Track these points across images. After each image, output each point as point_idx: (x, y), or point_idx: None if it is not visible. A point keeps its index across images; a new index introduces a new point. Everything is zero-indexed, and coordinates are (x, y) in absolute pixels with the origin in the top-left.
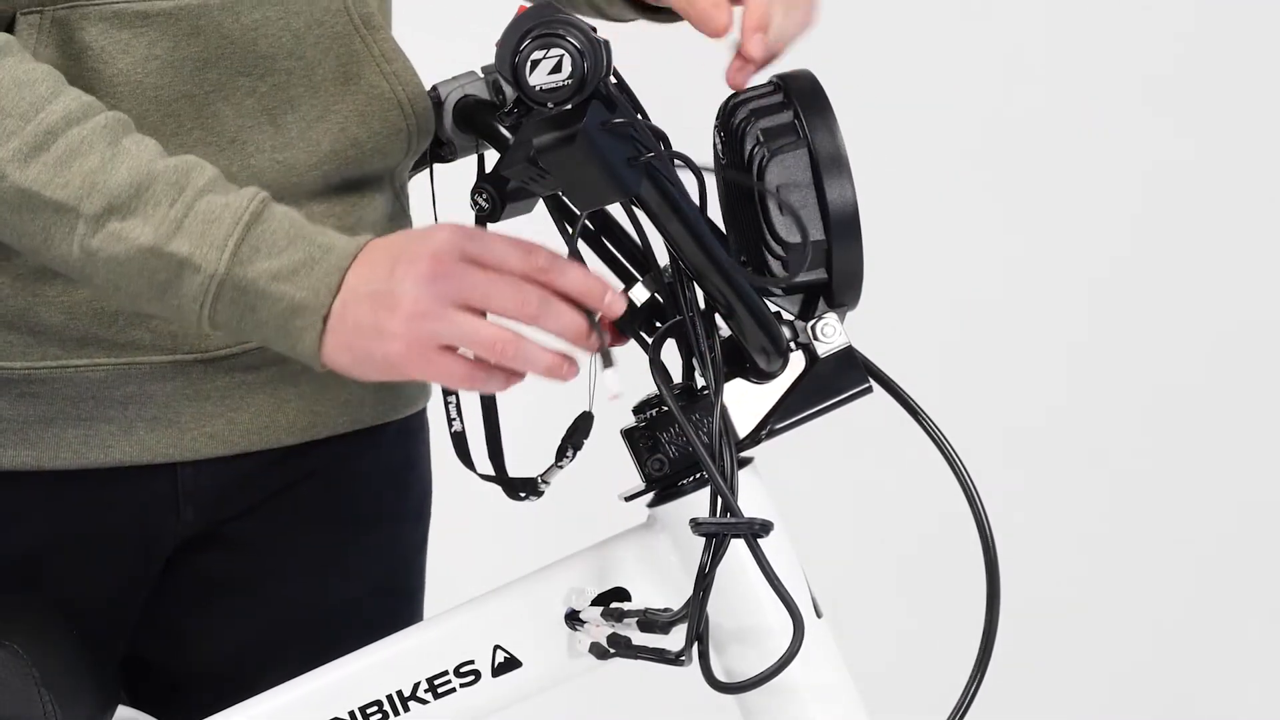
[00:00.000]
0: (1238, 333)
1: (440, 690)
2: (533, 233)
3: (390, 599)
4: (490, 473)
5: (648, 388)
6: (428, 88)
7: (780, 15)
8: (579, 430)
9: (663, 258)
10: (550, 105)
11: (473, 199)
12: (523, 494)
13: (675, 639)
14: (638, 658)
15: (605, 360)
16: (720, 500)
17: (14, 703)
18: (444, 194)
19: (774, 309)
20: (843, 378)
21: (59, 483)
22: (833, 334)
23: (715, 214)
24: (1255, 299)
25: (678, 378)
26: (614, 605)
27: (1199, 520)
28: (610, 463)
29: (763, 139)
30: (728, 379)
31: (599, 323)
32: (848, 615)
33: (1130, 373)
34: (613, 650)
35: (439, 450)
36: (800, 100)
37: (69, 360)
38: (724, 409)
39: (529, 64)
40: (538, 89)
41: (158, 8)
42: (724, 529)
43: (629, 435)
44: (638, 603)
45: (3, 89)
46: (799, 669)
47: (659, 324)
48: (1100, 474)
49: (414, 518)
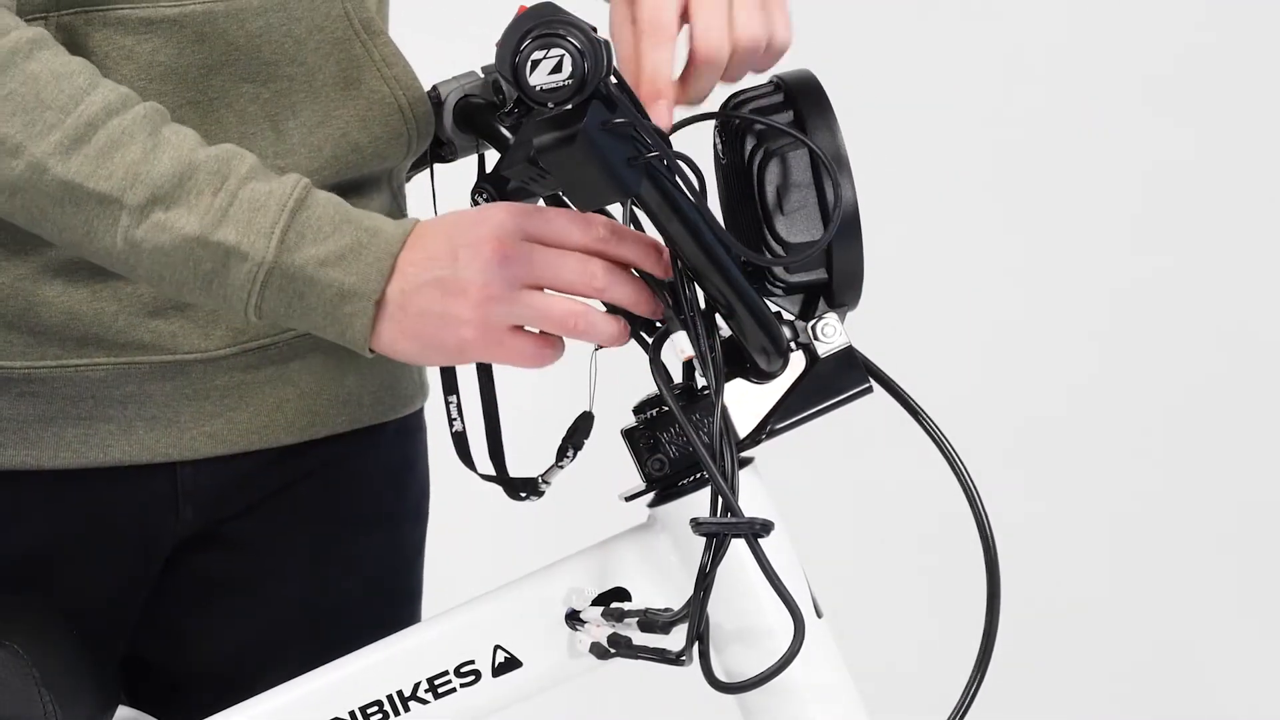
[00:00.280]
0: (1239, 334)
1: (440, 690)
2: None
3: (389, 599)
4: (491, 473)
5: (648, 388)
6: (428, 88)
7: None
8: (579, 430)
9: None
10: (550, 105)
11: (473, 199)
12: (523, 494)
13: (675, 639)
14: (638, 658)
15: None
16: (721, 500)
17: (14, 703)
18: (444, 194)
19: (774, 309)
20: (843, 378)
21: (58, 482)
22: (833, 334)
23: (716, 213)
24: (1257, 301)
25: (678, 378)
26: (614, 605)
27: (1200, 521)
28: (610, 463)
29: (763, 139)
30: (728, 379)
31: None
32: (848, 615)
33: (1131, 372)
34: (613, 650)
35: (439, 450)
36: (800, 100)
37: (69, 360)
38: (724, 409)
39: (529, 64)
40: (538, 89)
41: (162, 14)
42: (725, 529)
43: (629, 435)
44: (638, 603)
45: (41, 82)
46: (799, 669)
47: (659, 324)
48: (1101, 474)
49: (412, 518)
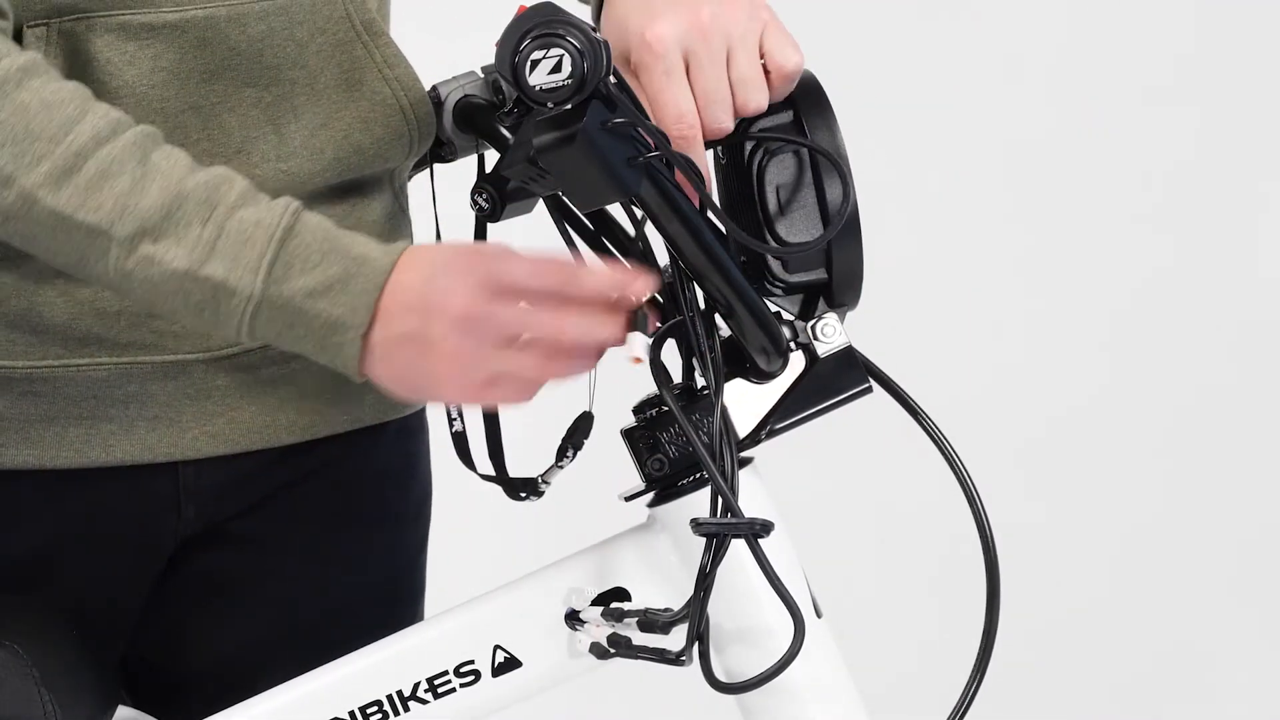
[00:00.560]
0: (1245, 339)
1: (440, 690)
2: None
3: (391, 599)
4: (490, 473)
5: (648, 387)
6: (428, 88)
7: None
8: (579, 430)
9: (663, 258)
10: (550, 105)
11: (473, 199)
12: (523, 494)
13: (675, 639)
14: (638, 658)
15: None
16: (721, 500)
17: (14, 703)
18: (444, 194)
19: (774, 309)
20: (843, 378)
21: (60, 482)
22: (833, 334)
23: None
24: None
25: (678, 378)
26: (614, 605)
27: (1201, 525)
28: (610, 463)
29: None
30: (728, 379)
31: (641, 311)
32: (848, 615)
33: (1133, 373)
34: (613, 650)
35: (439, 450)
36: (800, 100)
37: (71, 359)
38: (724, 409)
39: (529, 64)
40: (538, 89)
41: (164, 20)
42: (725, 529)
43: (629, 435)
44: (638, 603)
45: (31, 112)
46: (799, 669)
47: (659, 324)
48: (1101, 475)
49: (414, 518)
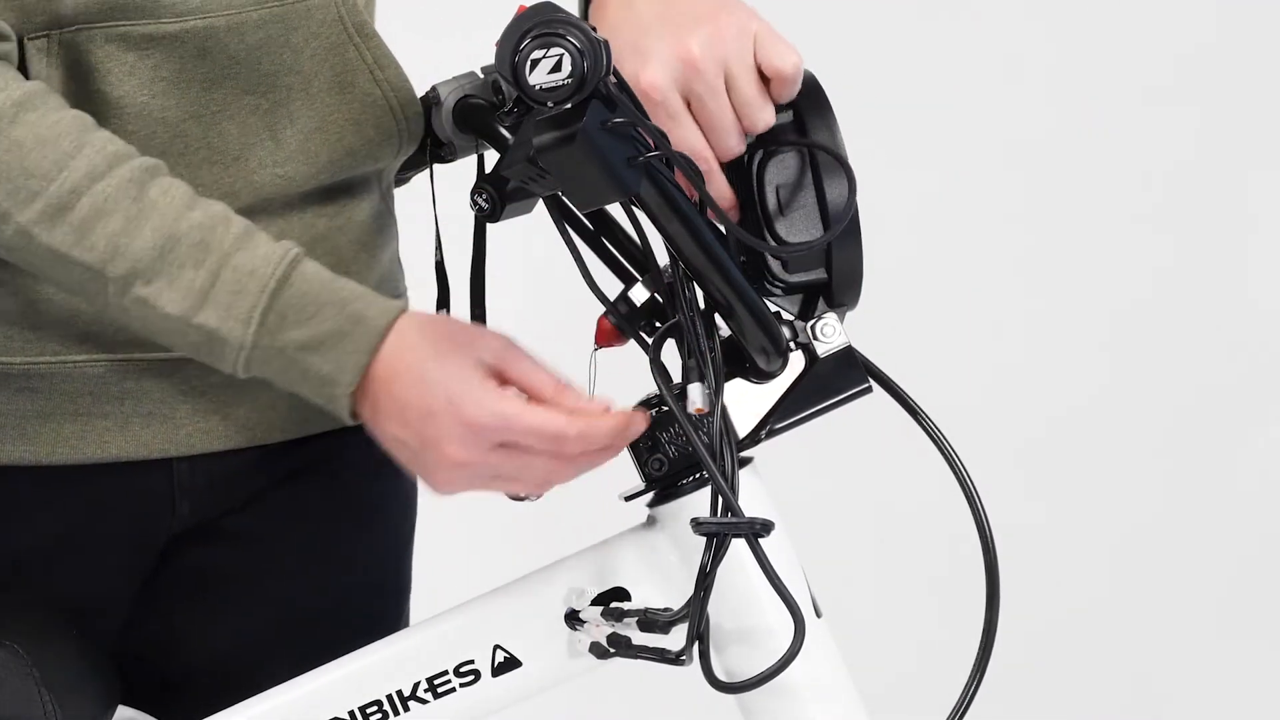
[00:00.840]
0: (1245, 341)
1: (440, 690)
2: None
3: (382, 594)
4: None
5: (648, 387)
6: (427, 88)
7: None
8: None
9: (663, 258)
10: (550, 104)
11: (472, 199)
12: (523, 494)
13: (675, 639)
14: (638, 658)
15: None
16: (721, 500)
17: (14, 703)
18: (444, 194)
19: (774, 309)
20: (842, 377)
21: (56, 478)
22: (832, 334)
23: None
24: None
25: (678, 378)
26: (614, 605)
27: (1201, 523)
28: (610, 463)
29: (762, 139)
30: (728, 379)
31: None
32: (848, 615)
33: (1132, 373)
34: (613, 650)
35: None
36: (800, 100)
37: (68, 356)
38: (724, 409)
39: (529, 63)
40: (537, 88)
41: (164, 30)
42: (725, 529)
43: None
44: (638, 602)
45: (25, 149)
46: (799, 669)
47: (659, 324)
48: (1101, 476)
49: (402, 512)
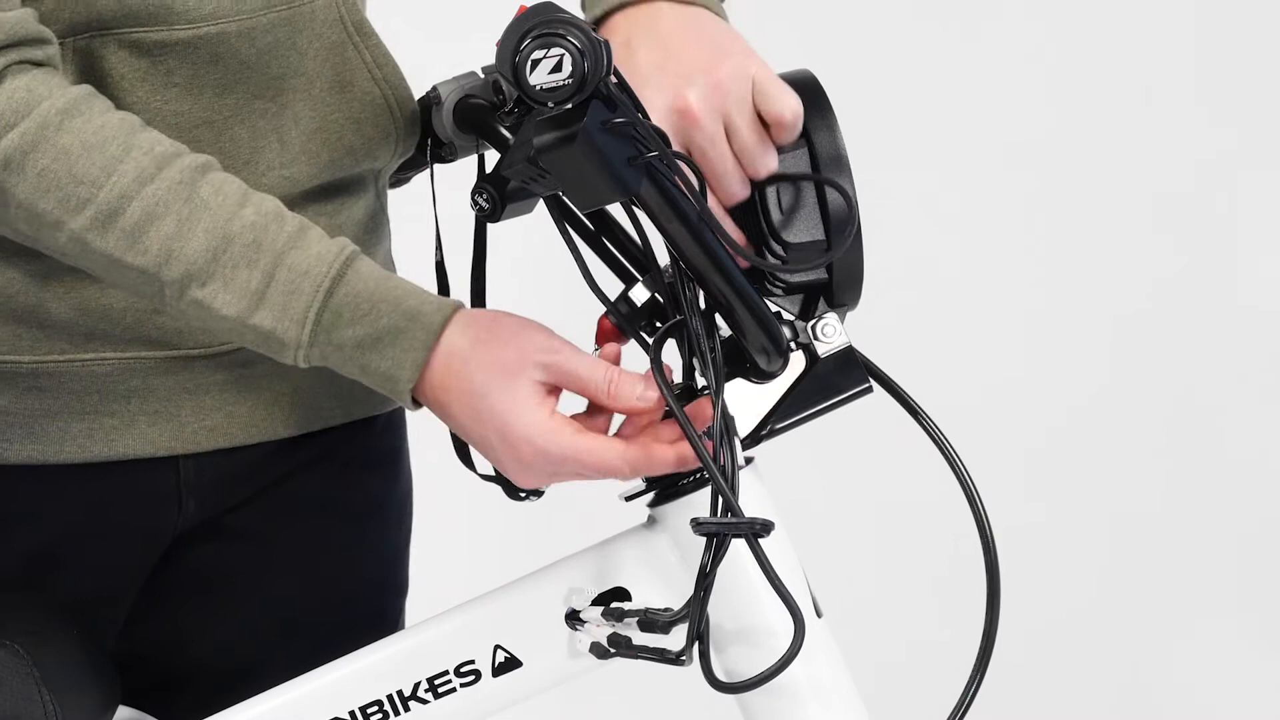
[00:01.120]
0: (1242, 338)
1: (440, 690)
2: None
3: (381, 591)
4: (491, 473)
5: None
6: (428, 87)
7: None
8: None
9: (663, 258)
10: (550, 105)
11: (473, 199)
12: (523, 494)
13: (676, 639)
14: (638, 658)
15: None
16: (721, 500)
17: (14, 702)
18: (444, 194)
19: (774, 309)
20: (843, 377)
21: (63, 476)
22: (833, 334)
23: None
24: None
25: (678, 377)
26: (614, 605)
27: (1201, 523)
28: None
29: None
30: (728, 379)
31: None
32: (848, 615)
33: (1133, 373)
34: (613, 650)
35: (440, 450)
36: (801, 100)
37: (76, 355)
38: (724, 408)
39: (529, 63)
40: (538, 88)
41: (176, 37)
42: (725, 529)
43: None
44: (638, 602)
45: (73, 156)
46: (800, 669)
47: (659, 324)
48: (1102, 476)
49: (400, 510)
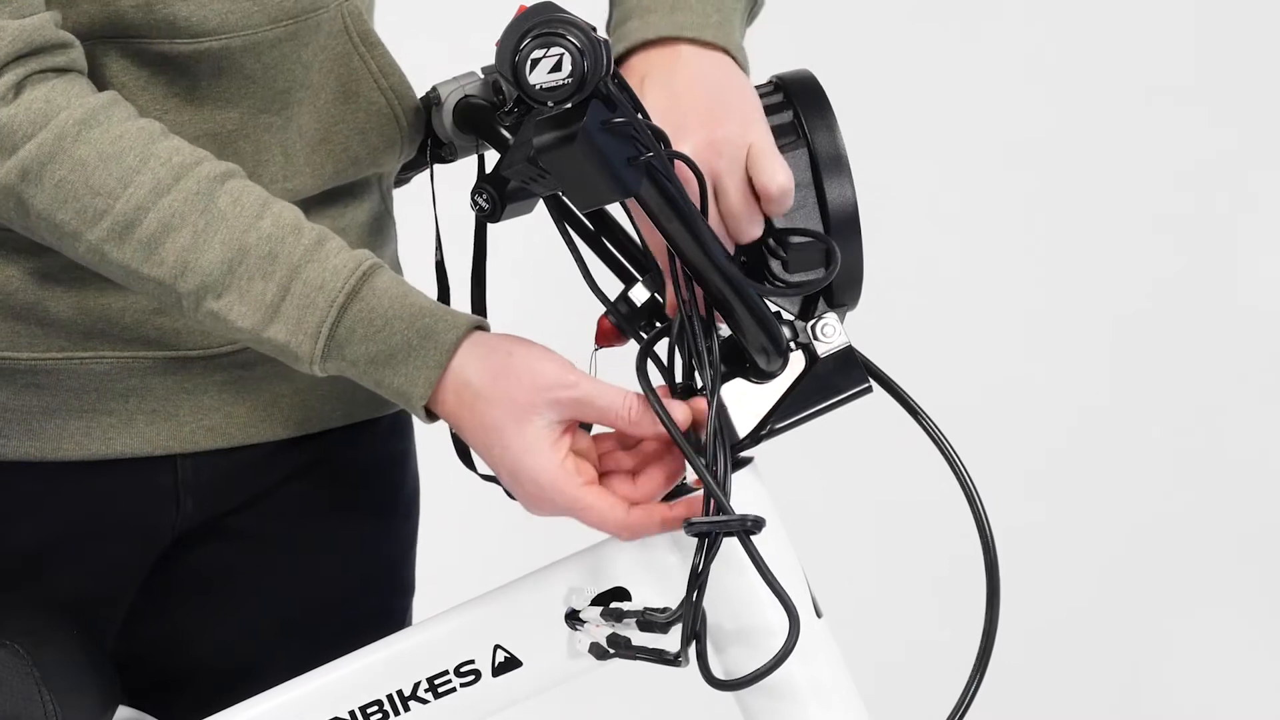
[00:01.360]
0: (1244, 339)
1: (440, 690)
2: (533, 230)
3: (384, 593)
4: (490, 473)
5: None
6: (428, 88)
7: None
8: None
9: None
10: (550, 104)
11: (473, 199)
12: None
13: (675, 639)
14: (637, 658)
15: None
16: (712, 499)
17: (14, 702)
18: (444, 194)
19: (774, 309)
20: (843, 377)
21: (61, 474)
22: (833, 334)
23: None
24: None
25: (678, 377)
26: (613, 605)
27: (1201, 523)
28: None
29: None
30: (728, 379)
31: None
32: (849, 615)
33: (1134, 373)
34: (612, 650)
35: (440, 449)
36: (800, 100)
37: (75, 353)
38: (721, 408)
39: (529, 63)
40: (538, 88)
41: (178, 50)
42: (715, 527)
43: None
44: (637, 602)
45: (89, 168)
46: (799, 668)
47: (659, 324)
48: (1102, 476)
49: (405, 512)
